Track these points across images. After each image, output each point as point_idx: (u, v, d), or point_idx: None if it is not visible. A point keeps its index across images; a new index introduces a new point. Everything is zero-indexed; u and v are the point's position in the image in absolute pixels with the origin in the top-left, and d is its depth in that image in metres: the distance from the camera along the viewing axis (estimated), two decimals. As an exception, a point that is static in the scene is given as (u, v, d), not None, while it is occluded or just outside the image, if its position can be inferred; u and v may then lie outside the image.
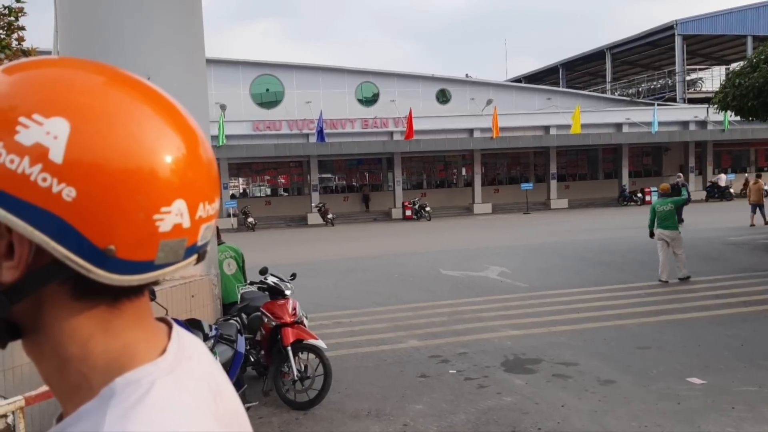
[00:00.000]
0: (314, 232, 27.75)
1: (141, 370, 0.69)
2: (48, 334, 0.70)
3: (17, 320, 0.70)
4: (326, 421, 5.76)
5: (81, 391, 0.69)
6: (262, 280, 6.70)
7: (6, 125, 0.63)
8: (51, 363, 0.71)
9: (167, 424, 0.65)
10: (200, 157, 0.70)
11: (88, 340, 0.69)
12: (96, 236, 0.64)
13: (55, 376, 0.71)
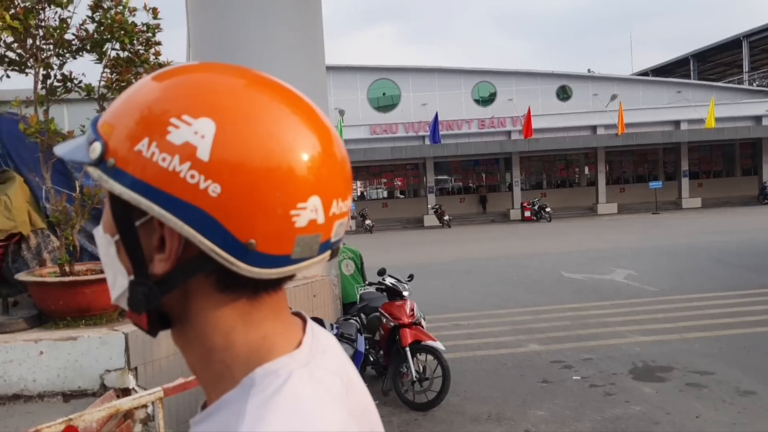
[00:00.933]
0: (431, 234, 27.79)
1: (279, 362, 0.71)
2: (194, 324, 0.73)
3: (167, 310, 0.74)
4: (445, 423, 5.74)
5: (224, 380, 0.72)
6: (380, 281, 6.78)
7: (159, 127, 0.67)
8: (196, 352, 0.74)
9: (303, 414, 0.67)
10: (334, 155, 0.72)
11: (230, 331, 0.72)
12: (238, 230, 0.66)
13: (200, 365, 0.74)
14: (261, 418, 0.65)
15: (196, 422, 0.73)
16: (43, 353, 4.34)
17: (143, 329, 0.75)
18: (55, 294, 4.76)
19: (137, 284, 0.71)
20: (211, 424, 0.70)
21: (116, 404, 2.40)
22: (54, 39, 4.74)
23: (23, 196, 5.76)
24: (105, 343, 4.39)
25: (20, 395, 4.32)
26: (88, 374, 4.36)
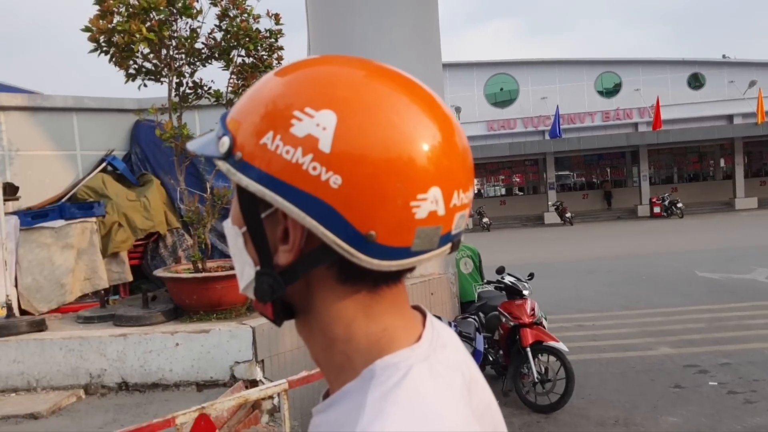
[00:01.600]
0: (551, 232, 27.04)
1: (399, 355, 0.71)
2: (316, 315, 0.74)
3: (291, 301, 0.76)
4: (569, 427, 5.55)
5: (345, 371, 0.73)
6: (499, 279, 6.66)
7: (282, 120, 0.68)
8: (319, 342, 0.75)
9: (423, 408, 0.66)
10: (455, 145, 0.71)
11: (351, 322, 0.73)
12: (359, 222, 0.66)
13: (323, 355, 0.76)
14: (380, 411, 0.64)
15: (318, 411, 0.75)
16: (179, 345, 4.62)
17: (269, 318, 0.77)
18: (189, 289, 5.05)
19: (263, 275, 0.73)
20: (332, 413, 0.71)
21: (245, 394, 2.50)
22: (185, 48, 5.03)
23: (160, 198, 6.18)
24: (234, 336, 4.60)
25: (158, 384, 4.63)
26: (219, 365, 4.59)
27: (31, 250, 5.44)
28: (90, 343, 4.63)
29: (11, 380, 4.63)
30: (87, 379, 4.61)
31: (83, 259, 5.65)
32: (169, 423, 2.27)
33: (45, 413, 4.17)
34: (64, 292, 5.53)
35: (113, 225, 5.83)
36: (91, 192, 5.97)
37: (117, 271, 5.94)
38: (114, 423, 3.96)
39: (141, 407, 4.29)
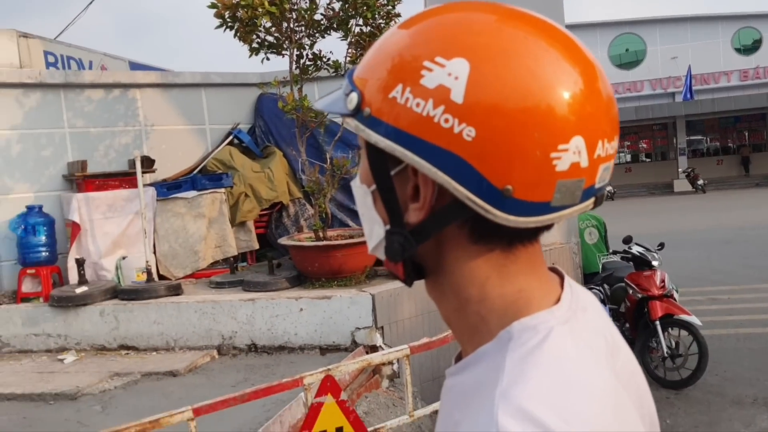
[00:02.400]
0: (681, 200, 25.52)
1: (537, 317, 0.68)
2: (448, 276, 0.72)
3: (422, 261, 0.73)
4: (702, 404, 5.25)
5: (479, 333, 0.70)
6: (626, 249, 6.37)
7: (412, 72, 0.65)
8: (451, 303, 0.73)
9: (565, 372, 0.63)
10: (599, 92, 0.66)
11: (485, 282, 0.70)
12: (494, 176, 0.63)
13: (455, 316, 0.73)
14: (521, 374, 0.62)
15: (452, 373, 0.73)
16: (303, 310, 4.78)
17: (399, 278, 0.75)
18: (311, 257, 5.21)
19: (393, 234, 0.71)
20: (468, 375, 0.69)
21: (368, 358, 2.54)
22: (305, 20, 5.11)
23: (283, 169, 6.38)
24: (355, 303, 4.70)
25: (284, 347, 4.83)
26: (340, 331, 4.72)
27: (167, 219, 5.80)
28: (222, 306, 4.89)
29: (152, 340, 4.99)
30: (219, 341, 4.89)
31: (214, 228, 5.96)
32: (297, 383, 2.35)
33: (183, 371, 4.47)
34: (197, 258, 5.86)
35: (240, 195, 6.09)
36: (220, 164, 6.26)
37: (244, 240, 6.21)
38: (245, 382, 4.18)
39: (269, 368, 4.49)
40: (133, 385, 4.31)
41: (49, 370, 4.68)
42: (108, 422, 3.58)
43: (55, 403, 4.11)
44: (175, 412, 2.13)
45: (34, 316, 5.14)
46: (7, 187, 5.50)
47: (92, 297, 5.07)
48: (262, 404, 3.58)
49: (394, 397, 4.67)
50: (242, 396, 2.27)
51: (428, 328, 4.91)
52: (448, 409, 0.71)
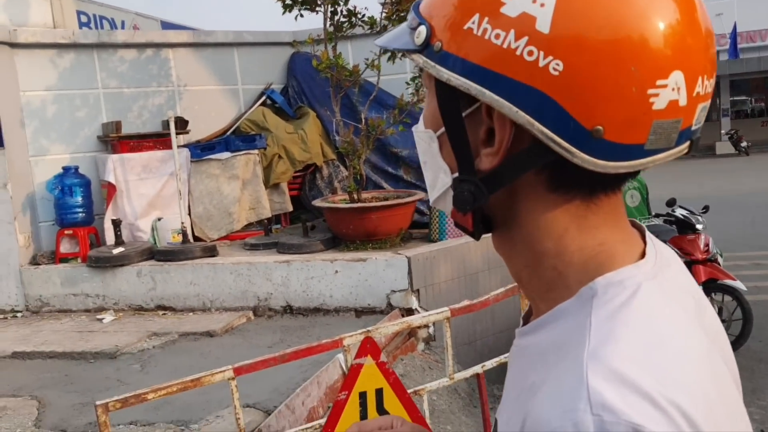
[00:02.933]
0: (724, 163, 24.84)
1: (623, 272, 0.62)
2: (521, 228, 0.66)
3: (491, 212, 0.67)
4: (746, 371, 5.12)
5: (556, 289, 0.64)
6: (669, 212, 6.19)
7: (490, 0, 0.60)
8: (523, 258, 0.67)
9: (658, 332, 0.58)
10: (698, 24, 0.60)
11: (563, 235, 0.64)
12: (582, 115, 0.57)
13: (527, 272, 0.67)
14: (610, 333, 0.57)
15: (525, 333, 0.67)
16: (338, 272, 4.74)
17: (467, 231, 0.69)
18: (345, 219, 5.15)
19: (463, 182, 0.65)
20: (545, 335, 0.63)
21: (408, 320, 2.48)
22: (339, -26, 4.97)
23: (316, 130, 6.30)
24: (390, 266, 4.65)
25: (319, 309, 4.81)
26: (376, 293, 4.68)
27: (201, 180, 5.78)
28: (257, 268, 4.88)
29: (189, 301, 5.02)
30: (255, 302, 4.89)
31: (248, 190, 5.93)
32: (337, 344, 2.30)
33: (219, 332, 4.48)
34: (231, 220, 5.86)
35: (274, 157, 6.03)
36: (253, 125, 6.20)
37: (278, 202, 6.18)
38: (281, 343, 4.17)
39: (305, 329, 4.48)
40: (171, 344, 4.34)
41: (89, 329, 4.74)
42: (147, 380, 3.61)
43: (95, 362, 4.16)
44: (216, 371, 2.10)
45: (73, 276, 5.20)
46: (44, 148, 5.52)
47: (129, 258, 5.10)
48: (299, 365, 3.56)
49: (429, 360, 4.63)
50: (282, 356, 2.23)
51: (464, 291, 4.84)
52: (521, 370, 0.65)
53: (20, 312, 5.27)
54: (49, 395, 3.69)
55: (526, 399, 0.59)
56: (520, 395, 0.62)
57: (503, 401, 0.67)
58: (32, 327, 4.90)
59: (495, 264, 5.10)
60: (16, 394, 3.72)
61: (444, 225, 5.09)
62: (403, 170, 5.99)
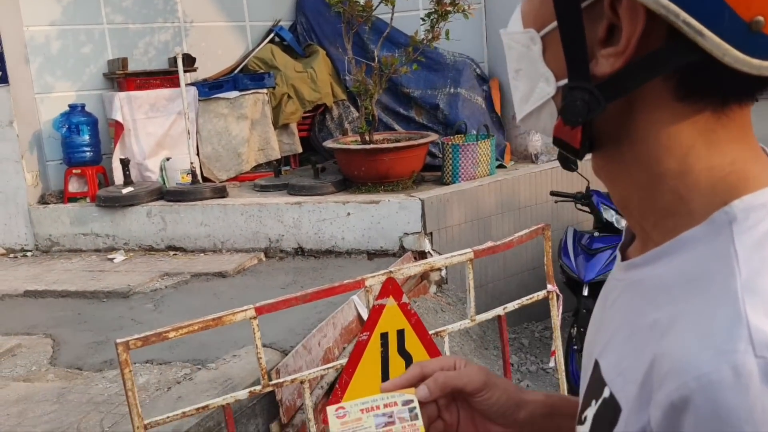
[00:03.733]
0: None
1: (764, 194, 0.54)
2: (637, 145, 0.57)
3: (598, 127, 0.58)
4: None
5: (675, 216, 0.57)
6: None
7: None
8: (635, 181, 0.59)
9: None
10: None
11: (687, 153, 0.56)
12: (740, 3, 0.48)
13: (639, 196, 0.59)
14: (763, 264, 0.50)
15: (638, 265, 0.59)
16: (350, 215, 4.69)
17: (570, 148, 0.60)
18: (357, 160, 5.07)
19: (575, 89, 0.56)
20: (668, 267, 0.55)
21: (430, 261, 2.44)
22: None
23: (326, 69, 6.14)
24: (403, 208, 4.59)
25: (331, 251, 4.78)
26: (388, 236, 4.64)
27: (209, 120, 5.67)
28: (268, 209, 4.83)
29: (200, 242, 4.99)
30: (266, 243, 4.85)
31: (257, 130, 5.82)
32: (359, 284, 2.27)
33: (231, 272, 4.46)
34: (240, 161, 5.77)
35: (283, 96, 5.90)
36: (261, 63, 6.04)
37: (287, 143, 6.08)
38: (294, 284, 4.16)
39: (317, 271, 4.46)
40: (184, 284, 4.33)
41: (99, 269, 4.73)
42: (162, 320, 3.60)
43: (107, 301, 4.15)
44: (238, 310, 2.07)
45: (82, 216, 5.15)
46: (49, 86, 5.40)
47: (138, 197, 5.04)
48: (314, 306, 3.54)
49: (441, 302, 4.63)
50: (304, 296, 2.20)
51: (477, 234, 4.80)
52: (633, 307, 0.58)
53: (30, 251, 5.25)
54: (63, 334, 3.69)
55: (650, 339, 0.52)
56: (634, 335, 0.55)
57: (605, 342, 0.60)
58: (43, 266, 4.88)
59: (508, 208, 5.05)
60: (30, 333, 3.72)
61: (457, 167, 5.02)
62: (415, 111, 5.87)
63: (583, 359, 0.67)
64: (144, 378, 2.96)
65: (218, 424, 2.64)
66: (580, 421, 0.60)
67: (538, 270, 5.17)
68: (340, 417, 0.79)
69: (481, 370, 0.81)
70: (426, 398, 0.78)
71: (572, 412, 0.79)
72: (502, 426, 0.81)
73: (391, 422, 0.77)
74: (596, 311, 0.68)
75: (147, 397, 2.77)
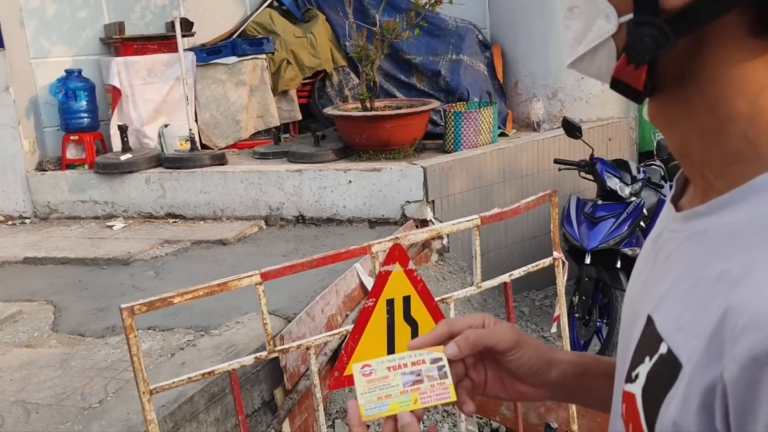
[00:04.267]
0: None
1: None
2: (705, 85, 0.54)
3: (662, 67, 0.55)
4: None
5: (743, 161, 0.53)
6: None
7: None
8: (699, 125, 0.55)
9: None
10: None
11: (759, 93, 0.52)
12: None
13: (702, 141, 0.56)
14: None
15: (700, 214, 0.56)
16: (352, 182, 4.65)
17: (632, 91, 0.57)
18: (358, 128, 5.01)
19: (641, 24, 0.52)
20: (737, 215, 0.52)
21: (437, 227, 2.41)
22: None
23: (326, 35, 6.04)
24: (405, 176, 4.55)
25: (332, 219, 4.75)
26: (390, 204, 4.61)
27: (208, 86, 5.59)
28: (268, 177, 4.79)
29: (199, 209, 4.95)
30: (267, 211, 4.82)
31: (255, 96, 5.74)
32: (365, 250, 2.24)
33: (232, 240, 4.44)
34: (239, 128, 5.71)
35: (282, 62, 5.81)
36: (260, 28, 5.94)
37: (287, 110, 6.01)
38: (295, 252, 4.14)
39: (318, 239, 4.44)
40: (184, 252, 4.31)
41: (99, 236, 4.70)
42: (163, 286, 3.58)
43: (108, 268, 4.13)
44: (243, 275, 2.04)
45: (80, 183, 5.11)
46: (45, 50, 5.30)
47: (137, 164, 4.99)
48: (316, 274, 3.52)
49: (443, 270, 4.62)
50: (310, 262, 2.17)
51: (479, 203, 4.78)
52: (695, 258, 0.55)
53: (28, 218, 5.22)
54: (64, 300, 3.68)
55: (717, 291, 0.49)
56: (697, 287, 0.52)
57: (661, 297, 0.57)
58: (42, 233, 4.85)
59: (510, 176, 5.02)
60: (30, 299, 3.71)
61: (459, 135, 4.97)
62: (416, 78, 5.79)
63: (625, 317, 0.65)
64: (147, 344, 2.95)
65: (222, 390, 2.64)
66: (630, 379, 0.58)
67: (539, 239, 5.17)
68: (366, 375, 0.75)
69: (511, 327, 0.79)
70: (455, 356, 0.75)
71: (604, 372, 0.77)
72: (532, 386, 0.79)
73: (419, 380, 0.74)
74: (641, 268, 0.65)
75: (151, 363, 2.76)
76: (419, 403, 0.73)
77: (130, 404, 2.45)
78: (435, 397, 0.74)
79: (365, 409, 0.73)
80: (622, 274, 3.93)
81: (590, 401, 0.81)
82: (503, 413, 3.25)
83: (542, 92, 5.70)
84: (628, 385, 0.58)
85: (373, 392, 0.74)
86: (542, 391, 0.79)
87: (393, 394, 0.73)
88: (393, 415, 0.72)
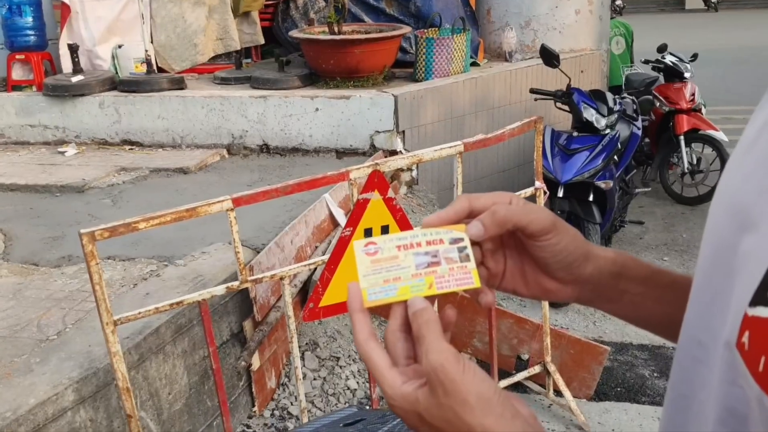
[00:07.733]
0: (693, 18, 24.40)
1: None
2: None
3: None
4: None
5: None
6: (658, 58, 5.98)
7: None
8: None
9: None
10: None
11: None
12: None
13: None
14: None
15: None
16: (319, 110, 4.47)
17: None
18: (326, 53, 4.78)
19: None
20: None
21: (418, 154, 2.29)
22: None
23: (290, -46, 5.70)
24: (375, 105, 4.39)
25: (298, 149, 4.58)
26: (359, 134, 4.45)
27: (164, 5, 5.24)
28: (231, 102, 4.56)
29: (157, 136, 4.71)
30: (229, 140, 4.62)
31: (214, 18, 5.43)
32: (343, 177, 2.12)
33: (193, 168, 4.25)
34: (196, 52, 5.40)
35: (243, -18, 5.49)
36: (219, -56, 5.56)
37: (248, 33, 5.71)
38: (261, 181, 3.98)
39: (284, 169, 4.28)
40: (143, 180, 4.10)
41: (50, 162, 4.44)
42: (121, 215, 3.39)
43: (61, 195, 3.91)
44: (214, 201, 1.91)
45: (28, 106, 4.79)
46: (-18, -41, 4.87)
47: (89, 87, 4.69)
48: (283, 204, 3.40)
49: (412, 203, 4.52)
50: (285, 188, 2.04)
51: (450, 134, 4.66)
52: None
53: (-28, 143, 4.90)
54: (15, 228, 3.47)
55: None
56: None
57: None
58: (-13, 159, 4.56)
59: (482, 107, 4.89)
60: (-23, 227, 3.49)
61: (431, 63, 4.79)
62: (385, 2, 5.53)
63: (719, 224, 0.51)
64: (107, 274, 2.79)
65: (190, 321, 2.52)
66: (764, 300, 0.42)
67: (512, 171, 5.11)
68: (371, 254, 0.62)
69: (546, 209, 0.66)
70: (479, 237, 0.62)
71: (643, 276, 0.68)
72: (560, 281, 0.68)
73: (436, 263, 0.61)
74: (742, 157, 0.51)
75: (112, 293, 2.61)
76: (434, 288, 0.60)
77: (92, 336, 2.32)
78: (455, 283, 0.60)
79: (368, 293, 0.59)
80: (594, 207, 3.91)
81: (620, 308, 0.70)
82: (475, 345, 3.23)
83: (515, 20, 5.53)
84: (758, 309, 0.45)
85: (379, 274, 0.60)
86: (570, 289, 0.68)
87: (403, 276, 0.60)
88: (402, 301, 0.59)
